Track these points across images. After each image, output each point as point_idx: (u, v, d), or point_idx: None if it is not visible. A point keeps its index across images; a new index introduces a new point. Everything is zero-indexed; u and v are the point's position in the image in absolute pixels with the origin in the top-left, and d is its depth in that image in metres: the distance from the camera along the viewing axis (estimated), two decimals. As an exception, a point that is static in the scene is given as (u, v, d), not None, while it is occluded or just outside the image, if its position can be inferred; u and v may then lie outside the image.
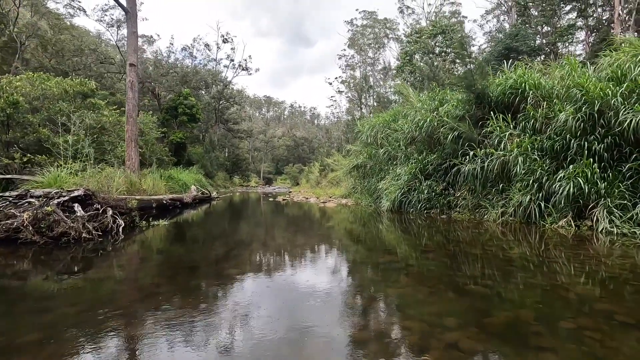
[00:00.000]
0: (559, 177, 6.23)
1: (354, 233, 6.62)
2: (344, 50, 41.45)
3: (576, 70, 7.39)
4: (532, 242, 5.08)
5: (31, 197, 4.84)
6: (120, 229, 5.45)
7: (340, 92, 41.71)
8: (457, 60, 28.71)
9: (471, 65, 8.44)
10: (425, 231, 6.39)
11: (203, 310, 2.42)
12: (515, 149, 7.00)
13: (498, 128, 7.69)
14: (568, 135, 6.47)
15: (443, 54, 29.25)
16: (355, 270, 3.70)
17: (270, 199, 17.10)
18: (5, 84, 11.23)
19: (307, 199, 16.33)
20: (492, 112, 8.06)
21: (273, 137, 68.35)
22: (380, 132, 12.51)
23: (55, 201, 4.69)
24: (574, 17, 24.10)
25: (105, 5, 27.12)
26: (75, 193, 5.12)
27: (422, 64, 27.26)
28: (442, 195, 8.88)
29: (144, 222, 6.34)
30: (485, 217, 7.33)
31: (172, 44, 34.50)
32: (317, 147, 52.20)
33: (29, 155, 7.53)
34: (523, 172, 6.74)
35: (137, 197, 8.10)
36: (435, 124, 9.46)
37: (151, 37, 34.05)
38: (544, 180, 6.47)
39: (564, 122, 6.55)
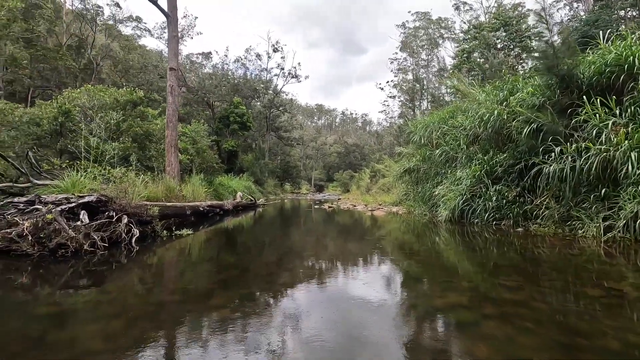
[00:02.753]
0: (699, 178, 4.42)
1: (403, 251, 5.38)
2: (396, 53, 39.79)
3: None
4: (670, 272, 3.44)
5: (40, 202, 4.44)
6: (134, 240, 4.87)
7: (392, 96, 40.11)
8: (524, 55, 25.61)
9: (551, 35, 6.77)
10: (498, 250, 4.94)
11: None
12: (625, 142, 5.23)
13: (596, 116, 5.92)
14: None
15: (506, 49, 26.44)
16: (396, 330, 2.14)
17: (316, 206, 16.26)
18: (65, 95, 11.92)
19: (354, 206, 15.20)
20: (584, 97, 6.29)
21: (324, 144, 68.21)
22: (436, 131, 11.00)
23: (59, 208, 4.21)
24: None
25: (164, 23, 28.88)
26: (86, 199, 4.64)
27: (482, 60, 24.81)
28: (516, 203, 7.20)
29: (165, 232, 5.77)
30: (581, 232, 5.60)
31: (226, 56, 35.61)
32: (369, 153, 50.74)
33: (67, 161, 7.53)
34: (639, 172, 4.97)
35: (169, 203, 7.70)
36: (505, 117, 7.82)
37: (210, 53, 35.87)
38: (673, 182, 4.67)
39: (703, 102, 4.69)
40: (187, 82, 30.05)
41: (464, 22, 33.71)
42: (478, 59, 26.07)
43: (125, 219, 4.98)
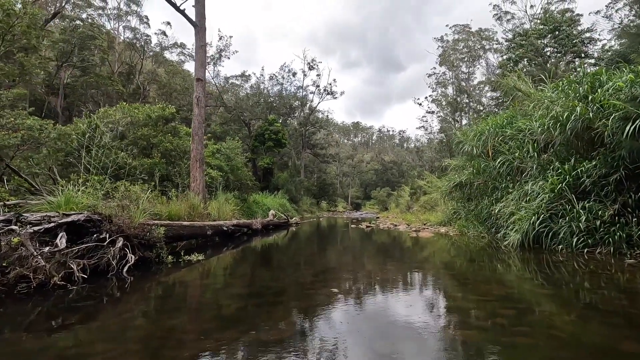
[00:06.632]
0: None
1: (473, 294, 3.98)
2: (434, 68, 38.12)
3: None
4: None
5: (18, 222, 3.68)
6: (125, 269, 3.96)
7: (430, 112, 38.23)
8: (577, 60, 23.21)
9: None
10: (615, 294, 3.40)
11: None
12: None
13: None
14: None
15: (555, 56, 24.29)
16: None
17: (353, 225, 14.94)
18: (101, 113, 11.93)
19: (395, 225, 13.69)
20: None
21: (361, 162, 66.85)
22: (492, 139, 9.41)
23: (31, 229, 3.40)
24: None
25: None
26: (72, 218, 3.83)
27: (530, 67, 22.68)
28: (617, 224, 5.50)
29: (170, 257, 4.83)
30: None
31: (262, 75, 36.11)
32: (407, 170, 48.56)
33: (84, 176, 7.03)
34: None
35: (186, 223, 6.88)
36: (591, 115, 6.22)
37: (249, 76, 36.49)
38: None
39: None
40: (224, 102, 30.63)
41: (507, 32, 31.57)
42: (528, 67, 23.98)
43: (120, 242, 4.11)
